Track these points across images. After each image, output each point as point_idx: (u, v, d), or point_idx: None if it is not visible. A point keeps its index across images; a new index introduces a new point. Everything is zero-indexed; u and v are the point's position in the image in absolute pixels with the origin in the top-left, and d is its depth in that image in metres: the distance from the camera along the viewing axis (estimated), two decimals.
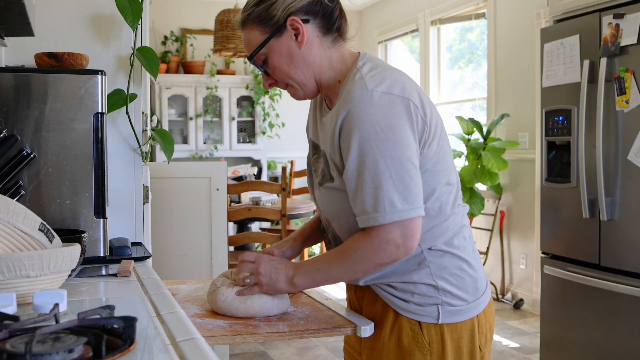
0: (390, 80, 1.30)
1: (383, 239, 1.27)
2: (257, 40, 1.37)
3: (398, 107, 1.27)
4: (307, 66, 1.37)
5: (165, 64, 6.80)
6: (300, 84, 1.39)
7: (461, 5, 5.73)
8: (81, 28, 1.95)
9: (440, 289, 1.36)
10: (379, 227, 1.26)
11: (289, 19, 1.34)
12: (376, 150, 1.25)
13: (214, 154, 6.94)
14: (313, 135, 1.49)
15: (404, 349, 1.36)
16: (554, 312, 3.07)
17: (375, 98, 1.27)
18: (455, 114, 5.84)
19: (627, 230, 2.64)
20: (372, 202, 1.25)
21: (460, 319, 1.37)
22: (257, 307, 1.39)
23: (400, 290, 1.37)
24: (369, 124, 1.25)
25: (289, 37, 1.35)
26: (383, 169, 1.25)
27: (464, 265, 1.39)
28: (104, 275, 1.52)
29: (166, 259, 2.84)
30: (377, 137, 1.25)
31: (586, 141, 2.81)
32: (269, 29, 1.35)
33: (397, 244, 1.26)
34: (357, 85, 1.30)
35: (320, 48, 1.38)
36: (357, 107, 1.27)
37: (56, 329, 0.82)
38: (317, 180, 1.42)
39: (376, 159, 1.25)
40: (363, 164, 1.26)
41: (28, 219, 1.21)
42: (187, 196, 2.91)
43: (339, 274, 1.35)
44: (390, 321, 1.38)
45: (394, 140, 1.25)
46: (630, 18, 2.58)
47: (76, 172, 1.63)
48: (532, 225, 4.84)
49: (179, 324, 1.04)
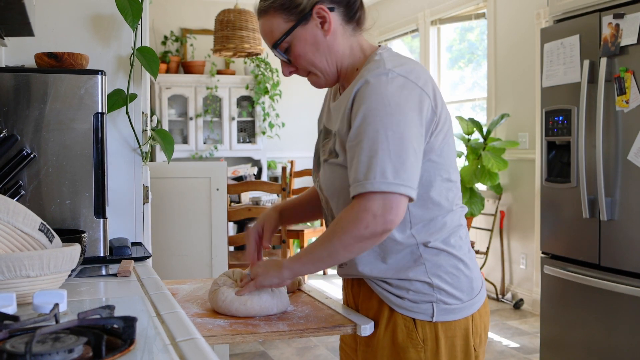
0: (408, 67, 1.34)
1: (362, 206, 1.25)
2: (281, 28, 1.37)
3: (410, 91, 1.30)
4: (331, 54, 1.39)
5: (165, 64, 6.80)
6: (324, 72, 1.41)
7: (461, 5, 5.73)
8: (81, 28, 1.95)
9: (435, 286, 1.36)
10: (363, 196, 1.25)
11: (315, 7, 1.36)
12: (379, 121, 1.26)
13: (214, 154, 6.94)
14: (326, 121, 1.49)
15: (398, 345, 1.37)
16: (554, 312, 3.07)
17: (390, 77, 1.30)
18: (455, 114, 5.84)
19: (627, 230, 2.64)
20: (365, 170, 1.25)
21: (454, 317, 1.37)
22: (257, 307, 1.40)
23: (395, 286, 1.38)
24: (379, 97, 1.27)
25: (315, 26, 1.37)
26: (382, 140, 1.25)
27: (459, 264, 1.39)
28: (104, 275, 1.52)
29: (166, 259, 2.84)
30: (384, 110, 1.26)
31: (586, 141, 2.81)
32: (294, 17, 1.36)
33: (374, 213, 1.24)
34: (375, 63, 1.34)
35: (343, 37, 1.40)
36: (372, 80, 1.30)
37: (56, 329, 0.82)
38: (324, 157, 1.43)
39: (377, 129, 1.26)
40: (364, 132, 1.27)
41: (28, 219, 1.21)
42: (187, 196, 2.91)
43: (321, 253, 1.32)
44: (385, 318, 1.39)
45: (398, 117, 1.26)
46: (630, 18, 2.58)
47: (76, 172, 1.63)
48: (532, 225, 4.84)
49: (179, 324, 1.04)
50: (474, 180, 4.86)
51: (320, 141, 1.51)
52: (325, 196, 1.44)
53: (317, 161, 1.51)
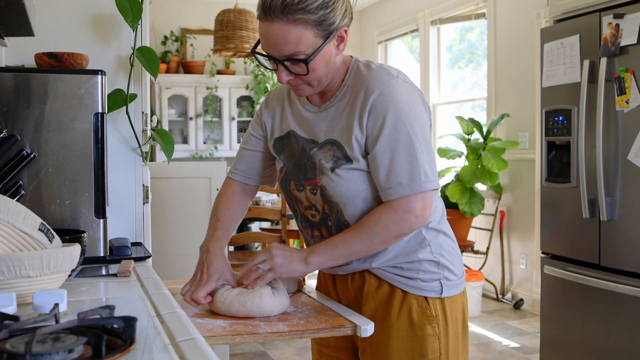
0: (403, 74, 1.46)
1: (406, 208, 1.37)
2: (310, 42, 1.34)
3: (416, 95, 1.43)
4: (332, 70, 1.44)
5: (165, 64, 6.80)
6: (322, 85, 1.45)
7: (461, 5, 5.73)
8: (81, 28, 1.95)
9: (441, 264, 1.48)
10: (405, 198, 1.37)
11: (342, 28, 1.40)
12: (409, 127, 1.37)
13: (214, 154, 6.94)
14: (302, 131, 1.51)
15: (414, 324, 1.45)
16: (554, 312, 3.07)
17: (400, 84, 1.41)
18: (455, 114, 5.84)
19: (627, 230, 2.64)
20: (408, 174, 1.37)
21: (455, 292, 1.50)
22: (257, 309, 1.39)
23: (406, 269, 1.47)
24: (401, 104, 1.38)
25: (333, 44, 1.40)
26: (416, 144, 1.37)
27: (452, 243, 1.54)
28: (104, 275, 1.52)
29: (166, 259, 2.84)
30: (408, 116, 1.38)
31: (586, 141, 2.81)
32: (324, 34, 1.36)
33: (417, 214, 1.38)
34: (379, 72, 1.42)
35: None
36: (387, 89, 1.39)
37: (56, 329, 0.82)
38: (329, 165, 1.44)
39: (410, 135, 1.37)
40: (397, 140, 1.37)
41: (28, 219, 1.21)
42: (187, 196, 2.91)
43: (357, 248, 1.41)
44: (398, 301, 1.47)
45: (420, 120, 1.40)
46: (630, 18, 2.58)
47: (76, 172, 1.63)
48: (532, 225, 4.84)
49: (179, 324, 1.04)
50: (474, 180, 4.86)
51: (295, 150, 1.50)
52: (336, 202, 1.45)
53: (307, 170, 1.49)
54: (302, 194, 1.51)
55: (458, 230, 4.94)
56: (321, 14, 1.33)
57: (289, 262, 1.41)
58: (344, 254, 1.42)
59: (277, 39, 1.34)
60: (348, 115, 1.42)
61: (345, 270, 1.52)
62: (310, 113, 1.50)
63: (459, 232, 4.96)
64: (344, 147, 1.42)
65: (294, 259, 1.41)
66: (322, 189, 1.46)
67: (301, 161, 1.50)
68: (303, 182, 1.50)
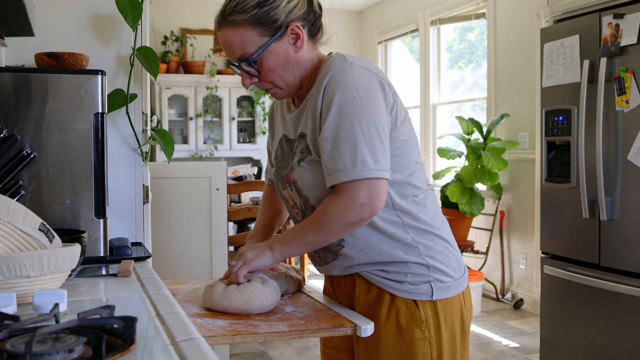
0: (365, 60, 1.43)
1: (350, 196, 1.34)
2: (255, 41, 1.39)
3: (374, 81, 1.38)
4: (299, 69, 1.44)
5: (165, 64, 6.80)
6: (290, 85, 1.46)
7: (461, 5, 5.73)
8: (81, 28, 1.95)
9: (430, 267, 1.44)
10: (348, 185, 1.34)
11: (292, 24, 1.40)
12: (353, 113, 1.34)
13: (214, 154, 6.94)
14: (285, 131, 1.55)
15: (403, 328, 1.43)
16: (554, 312, 3.07)
17: (355, 69, 1.37)
18: (455, 114, 5.84)
19: (627, 230, 2.64)
20: (347, 160, 1.33)
21: (450, 294, 1.46)
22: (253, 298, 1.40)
23: (394, 272, 1.44)
24: (349, 90, 1.35)
25: (287, 42, 1.41)
26: (358, 130, 1.34)
27: (446, 244, 1.49)
28: (104, 275, 1.52)
29: (166, 259, 2.84)
30: (355, 102, 1.35)
31: (586, 141, 2.81)
32: (269, 32, 1.39)
33: (361, 202, 1.33)
34: (337, 59, 1.40)
35: (307, 51, 1.47)
36: (338, 74, 1.37)
37: (56, 329, 0.82)
38: (297, 159, 1.47)
39: (352, 121, 1.34)
40: (340, 125, 1.34)
41: (28, 219, 1.21)
42: (187, 196, 2.91)
43: (311, 238, 1.40)
44: (386, 304, 1.44)
45: (369, 106, 1.35)
46: (630, 18, 2.58)
47: (76, 172, 1.63)
48: (532, 225, 4.84)
49: (179, 324, 1.04)
50: (474, 180, 4.86)
51: (285, 152, 1.54)
52: (305, 195, 1.46)
53: (285, 170, 1.52)
54: (287, 193, 1.53)
55: (458, 230, 4.94)
56: (256, 12, 1.38)
57: (257, 253, 1.44)
58: (302, 243, 1.42)
59: (226, 44, 1.42)
60: (312, 106, 1.42)
61: (337, 272, 1.53)
62: (292, 114, 1.52)
63: (458, 232, 4.96)
64: (308, 138, 1.43)
65: (262, 250, 1.45)
66: (295, 184, 1.48)
67: (285, 161, 1.54)
68: (282, 180, 1.53)
